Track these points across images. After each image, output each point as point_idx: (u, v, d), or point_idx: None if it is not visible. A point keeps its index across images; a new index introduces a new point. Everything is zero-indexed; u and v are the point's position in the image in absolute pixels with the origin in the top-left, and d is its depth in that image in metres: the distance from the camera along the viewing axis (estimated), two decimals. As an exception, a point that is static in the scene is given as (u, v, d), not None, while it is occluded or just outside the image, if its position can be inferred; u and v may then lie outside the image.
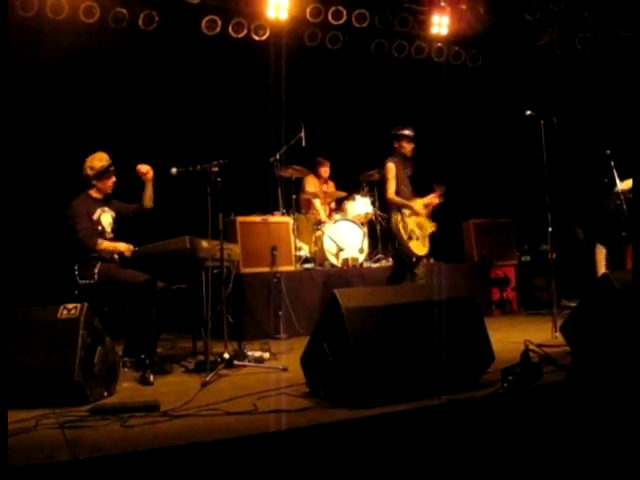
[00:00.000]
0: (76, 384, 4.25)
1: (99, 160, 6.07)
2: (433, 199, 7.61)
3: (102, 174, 6.06)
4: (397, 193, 7.49)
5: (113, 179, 6.13)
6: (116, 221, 6.20)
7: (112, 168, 6.11)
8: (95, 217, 6.01)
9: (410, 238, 7.30)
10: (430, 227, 7.52)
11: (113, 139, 8.70)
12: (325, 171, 9.65)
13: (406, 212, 7.35)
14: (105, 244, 5.87)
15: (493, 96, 11.29)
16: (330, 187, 9.70)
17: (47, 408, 4.11)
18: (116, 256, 5.93)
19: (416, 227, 7.37)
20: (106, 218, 6.11)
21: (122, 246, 5.87)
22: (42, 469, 2.99)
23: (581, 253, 9.14)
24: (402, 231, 7.31)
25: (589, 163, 8.91)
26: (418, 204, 7.46)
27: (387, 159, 7.54)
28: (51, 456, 3.11)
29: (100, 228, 6.01)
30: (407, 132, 7.59)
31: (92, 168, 6.06)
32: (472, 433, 3.87)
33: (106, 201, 6.19)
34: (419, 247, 7.36)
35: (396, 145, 7.59)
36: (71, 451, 3.20)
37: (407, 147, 7.58)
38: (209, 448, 3.29)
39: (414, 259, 7.36)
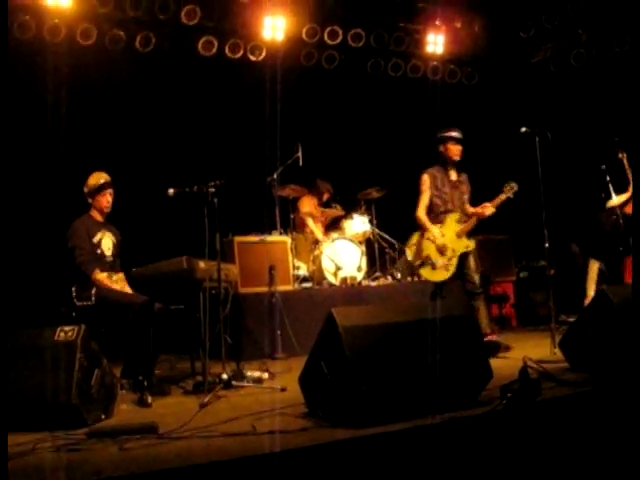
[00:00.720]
0: (73, 407, 4.23)
1: (95, 178, 6.11)
2: (482, 210, 7.04)
3: (96, 192, 6.08)
4: (430, 208, 7.09)
5: (108, 198, 6.13)
6: (117, 246, 6.21)
7: (107, 186, 6.12)
8: (95, 240, 6.01)
9: (422, 265, 7.01)
10: (463, 247, 6.94)
11: (110, 160, 8.73)
12: (327, 197, 9.66)
13: (433, 231, 7.00)
14: (100, 277, 5.81)
15: (488, 114, 11.33)
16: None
17: (44, 431, 4.10)
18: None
19: (434, 252, 6.92)
20: (106, 242, 6.10)
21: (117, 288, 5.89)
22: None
23: (577, 268, 9.14)
24: (411, 256, 7.09)
25: (584, 178, 8.94)
26: (447, 226, 7.00)
27: (423, 171, 7.18)
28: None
29: (99, 252, 6.01)
30: (454, 134, 7.12)
31: (87, 185, 6.11)
32: (471, 451, 3.86)
33: (107, 225, 6.20)
34: (433, 274, 6.96)
35: (442, 149, 7.15)
36: (68, 475, 3.19)
37: (454, 150, 7.12)
38: (207, 470, 3.28)
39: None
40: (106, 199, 6.13)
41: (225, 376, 5.38)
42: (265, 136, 9.14)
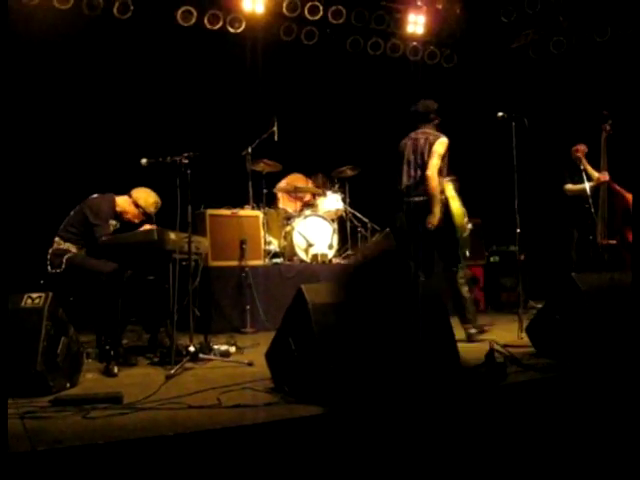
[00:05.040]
0: (38, 374, 4.21)
1: (154, 206, 6.10)
2: None
3: (146, 209, 6.08)
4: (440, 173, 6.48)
5: (137, 221, 6.13)
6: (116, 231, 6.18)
7: (147, 216, 6.12)
8: (111, 224, 5.99)
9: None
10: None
11: (84, 127, 8.67)
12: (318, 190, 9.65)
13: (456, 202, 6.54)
14: None
15: (466, 97, 11.34)
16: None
17: (9, 398, 4.06)
18: None
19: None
20: (114, 225, 6.09)
21: None
22: (-1, 460, 2.96)
23: (549, 254, 9.22)
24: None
25: (559, 165, 8.99)
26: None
27: (442, 133, 6.63)
28: (9, 447, 3.07)
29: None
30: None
31: (146, 201, 6.10)
32: (435, 431, 3.89)
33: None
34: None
35: (437, 121, 6.78)
36: (30, 442, 3.16)
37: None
38: (171, 442, 3.27)
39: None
40: (136, 221, 6.13)
41: (192, 348, 5.37)
42: (241, 109, 9.09)
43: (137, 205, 6.07)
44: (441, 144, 6.46)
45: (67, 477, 3.03)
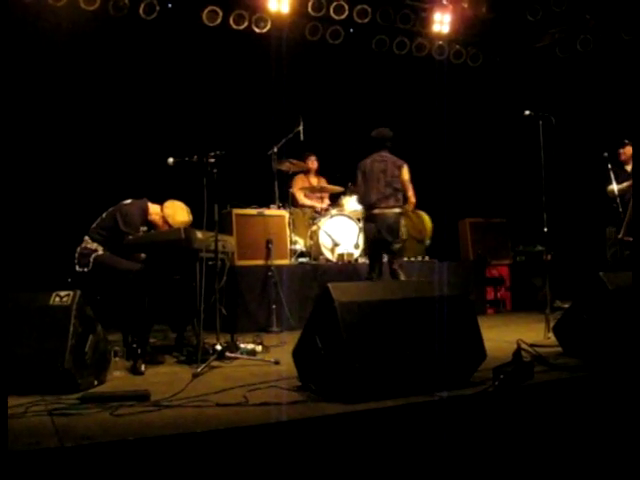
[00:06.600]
0: (66, 372, 4.24)
1: (182, 225, 5.84)
2: None
3: (172, 224, 5.99)
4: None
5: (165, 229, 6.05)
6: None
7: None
8: (142, 229, 6.00)
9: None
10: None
11: (112, 128, 8.73)
12: (312, 162, 9.58)
13: None
14: None
15: (492, 96, 11.29)
16: (322, 182, 9.63)
17: (37, 395, 4.10)
18: None
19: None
20: (143, 232, 6.08)
21: None
22: (29, 455, 2.98)
23: (577, 254, 9.14)
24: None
25: (586, 164, 8.93)
26: None
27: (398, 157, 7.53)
28: (38, 443, 3.10)
29: None
30: None
31: (173, 218, 6.00)
32: (462, 430, 3.87)
33: None
34: None
35: (389, 145, 7.68)
36: (59, 438, 3.19)
37: None
38: (198, 439, 3.28)
39: None
40: (164, 228, 6.05)
41: (219, 347, 5.39)
42: (267, 109, 9.10)
43: (165, 220, 6.07)
44: (407, 172, 7.44)
45: (95, 473, 3.05)
